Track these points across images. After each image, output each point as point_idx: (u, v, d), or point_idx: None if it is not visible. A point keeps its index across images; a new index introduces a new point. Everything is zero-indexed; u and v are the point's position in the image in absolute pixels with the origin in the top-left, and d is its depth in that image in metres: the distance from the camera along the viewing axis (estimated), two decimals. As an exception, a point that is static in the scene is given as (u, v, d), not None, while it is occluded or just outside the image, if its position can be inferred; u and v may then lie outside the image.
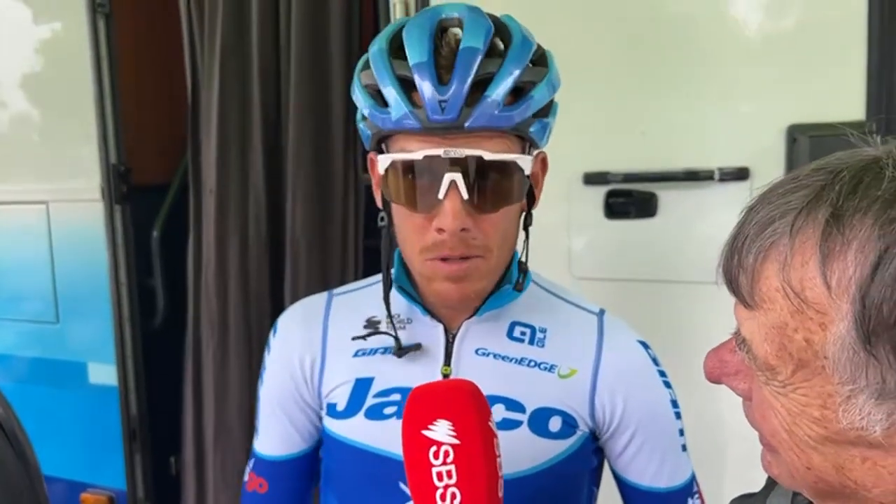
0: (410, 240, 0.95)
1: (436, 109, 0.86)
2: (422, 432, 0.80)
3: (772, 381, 0.54)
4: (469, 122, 0.87)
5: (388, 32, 0.94)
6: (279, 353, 1.11)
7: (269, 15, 2.26)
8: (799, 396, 0.53)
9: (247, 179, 2.34)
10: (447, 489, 0.78)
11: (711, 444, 1.81)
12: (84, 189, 2.56)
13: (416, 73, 0.88)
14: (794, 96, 1.65)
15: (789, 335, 0.51)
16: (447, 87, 0.87)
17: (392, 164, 0.92)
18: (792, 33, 1.68)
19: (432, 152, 0.88)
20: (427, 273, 0.95)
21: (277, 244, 2.35)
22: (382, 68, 0.90)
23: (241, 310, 2.35)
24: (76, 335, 2.68)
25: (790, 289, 0.50)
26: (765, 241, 0.52)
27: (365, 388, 1.03)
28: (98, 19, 2.45)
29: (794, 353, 0.51)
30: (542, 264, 1.89)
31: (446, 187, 0.88)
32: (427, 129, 0.87)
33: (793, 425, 0.54)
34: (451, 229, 0.90)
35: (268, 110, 2.31)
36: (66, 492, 2.76)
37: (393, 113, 0.89)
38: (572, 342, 1.04)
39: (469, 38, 0.89)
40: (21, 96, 2.70)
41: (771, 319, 0.52)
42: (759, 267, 0.53)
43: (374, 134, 0.93)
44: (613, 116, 1.81)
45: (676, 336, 1.83)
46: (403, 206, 0.93)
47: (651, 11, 1.78)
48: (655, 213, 1.78)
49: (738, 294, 0.55)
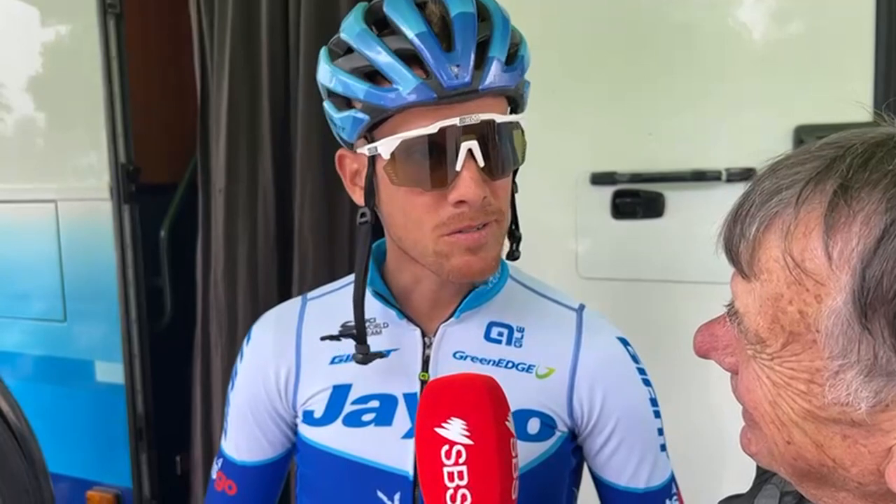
0: (420, 221, 0.90)
1: (450, 75, 0.84)
2: (435, 430, 0.77)
3: (760, 354, 0.54)
4: (482, 85, 0.86)
5: (359, 16, 0.90)
6: (252, 364, 1.08)
7: (278, 15, 2.27)
8: (786, 370, 0.52)
9: (256, 179, 2.35)
10: (458, 490, 0.76)
11: (714, 445, 1.81)
12: (93, 188, 2.57)
13: (420, 42, 0.85)
14: (802, 98, 1.65)
15: (783, 307, 0.51)
16: (455, 53, 0.85)
17: (402, 143, 0.87)
18: (799, 35, 1.68)
19: (447, 122, 0.85)
20: (445, 249, 0.91)
21: (286, 243, 2.36)
22: (376, 46, 0.86)
23: (250, 309, 2.36)
24: (84, 334, 2.69)
25: (790, 258, 0.50)
26: (769, 211, 0.52)
27: (343, 394, 1.01)
28: (108, 19, 2.46)
29: (787, 325, 0.51)
30: (548, 264, 1.91)
31: (463, 157, 0.86)
32: (442, 97, 0.84)
33: (777, 398, 0.53)
34: (473, 200, 0.87)
35: (277, 110, 2.32)
36: (73, 489, 2.77)
37: (402, 88, 0.84)
38: (550, 340, 1.01)
39: (457, 5, 0.87)
40: (30, 96, 2.72)
41: (767, 291, 0.52)
42: (761, 236, 0.52)
43: (373, 118, 0.88)
44: (621, 117, 1.81)
45: (683, 336, 1.83)
46: (415, 186, 0.88)
47: (658, 13, 1.79)
48: (662, 214, 1.79)
49: (736, 264, 0.55)
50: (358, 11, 0.91)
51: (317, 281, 2.25)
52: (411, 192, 0.89)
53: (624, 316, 1.91)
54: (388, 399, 1.00)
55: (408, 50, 0.86)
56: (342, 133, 0.93)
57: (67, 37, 2.62)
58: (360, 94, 0.88)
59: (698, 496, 1.83)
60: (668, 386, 1.80)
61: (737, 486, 1.97)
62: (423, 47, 0.85)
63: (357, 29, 0.89)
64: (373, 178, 0.93)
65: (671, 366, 1.83)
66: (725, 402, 1.90)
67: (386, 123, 0.88)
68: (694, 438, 1.81)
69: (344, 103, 0.92)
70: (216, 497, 1.13)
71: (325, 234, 2.27)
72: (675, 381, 1.82)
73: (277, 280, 2.38)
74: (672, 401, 1.79)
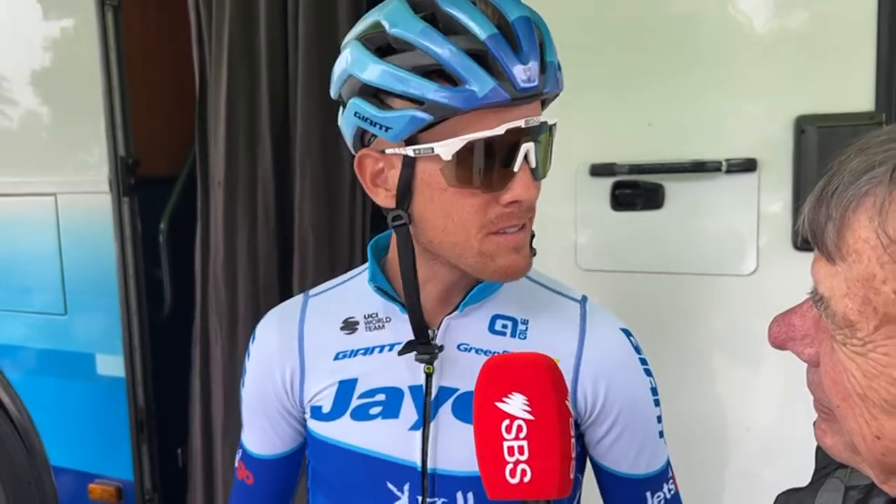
0: (466, 222, 0.90)
1: (522, 78, 0.85)
2: (496, 404, 0.76)
3: (850, 340, 0.52)
4: (546, 88, 0.88)
5: (410, 11, 0.88)
6: (258, 363, 1.10)
7: (276, 7, 2.27)
8: (879, 356, 0.50)
9: (255, 171, 2.35)
10: (517, 465, 0.75)
11: (716, 435, 1.82)
12: (92, 181, 2.57)
13: (493, 45, 0.85)
14: (802, 87, 1.64)
15: (876, 287, 0.49)
16: (523, 55, 0.85)
17: (467, 145, 0.86)
18: (800, 24, 1.67)
19: (513, 124, 0.86)
20: (491, 249, 0.92)
21: (286, 236, 2.36)
22: (446, 44, 0.85)
23: (250, 301, 2.36)
24: (84, 326, 2.70)
25: (885, 236, 0.48)
26: (859, 189, 0.50)
27: (349, 389, 1.02)
28: (106, 12, 2.46)
29: (880, 306, 0.49)
30: (548, 256, 1.91)
31: (522, 158, 0.88)
32: (515, 99, 0.85)
33: (868, 389, 0.51)
34: (528, 201, 0.90)
35: (276, 103, 2.31)
36: (74, 482, 2.78)
37: (478, 88, 0.84)
38: (554, 332, 1.02)
39: (513, 9, 0.88)
40: (29, 89, 2.72)
41: (856, 272, 0.50)
42: (850, 216, 0.50)
43: (437, 117, 0.86)
44: (620, 107, 1.81)
45: (683, 327, 1.83)
46: (471, 187, 0.88)
47: (659, 3, 1.78)
48: (662, 205, 1.78)
49: (821, 246, 0.52)
50: (403, 6, 0.89)
51: (316, 272, 2.25)
52: (461, 192, 0.89)
53: (623, 307, 1.90)
54: (394, 392, 1.01)
55: (479, 50, 0.85)
56: (386, 134, 0.89)
57: (66, 30, 2.61)
58: (427, 94, 0.85)
59: (701, 487, 1.83)
60: (668, 377, 1.80)
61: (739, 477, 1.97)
62: (498, 49, 0.85)
63: (419, 25, 0.86)
64: (411, 179, 0.91)
65: (671, 357, 1.83)
66: (726, 392, 1.90)
67: (442, 124, 0.87)
68: (696, 429, 1.81)
69: (392, 101, 0.88)
70: (237, 484, 1.17)
71: (324, 225, 2.27)
72: (676, 373, 1.82)
73: (277, 271, 2.38)
74: (672, 392, 1.80)
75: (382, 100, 0.89)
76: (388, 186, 0.94)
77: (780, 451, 1.73)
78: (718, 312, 1.78)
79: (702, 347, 1.82)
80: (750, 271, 1.71)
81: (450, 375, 1.00)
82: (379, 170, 0.95)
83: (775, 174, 1.67)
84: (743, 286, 1.72)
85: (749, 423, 1.78)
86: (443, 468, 0.98)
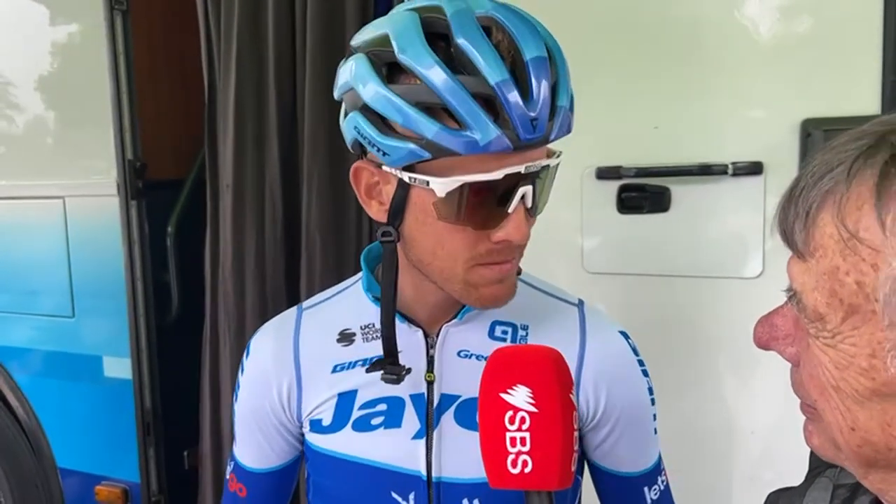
0: (455, 253, 0.90)
1: (528, 129, 0.82)
2: (500, 395, 0.77)
3: (821, 333, 0.54)
4: (553, 135, 0.85)
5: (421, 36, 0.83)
6: (253, 378, 1.08)
7: (284, 11, 2.28)
8: (847, 346, 0.52)
9: (263, 176, 2.36)
10: (519, 456, 0.75)
11: (722, 438, 1.81)
12: (100, 184, 2.58)
13: (502, 91, 0.81)
14: (808, 90, 1.64)
15: (840, 279, 0.52)
16: (532, 102, 0.82)
17: (462, 186, 0.84)
18: (806, 28, 1.67)
19: (513, 170, 0.84)
20: (475, 280, 0.91)
21: (293, 238, 2.37)
22: (452, 84, 0.81)
23: (259, 304, 2.37)
24: (92, 329, 2.71)
25: (844, 229, 0.51)
26: (822, 188, 0.53)
27: (350, 401, 1.01)
28: (115, 16, 2.47)
29: (845, 297, 0.52)
30: (554, 259, 1.91)
31: (518, 201, 0.86)
32: (517, 147, 0.82)
33: (840, 380, 0.53)
34: (520, 241, 0.89)
35: (284, 107, 2.32)
36: (81, 484, 2.79)
37: (480, 137, 0.80)
38: (554, 337, 0.99)
39: (530, 47, 0.83)
40: (38, 93, 2.73)
41: (822, 266, 0.53)
42: (815, 214, 0.53)
43: (435, 156, 0.83)
44: (626, 111, 1.81)
45: (688, 331, 1.83)
46: (463, 224, 0.87)
47: (665, 6, 1.78)
48: (668, 208, 1.78)
49: (792, 245, 0.55)
50: (415, 25, 0.84)
51: (324, 275, 2.26)
52: (453, 227, 0.88)
53: (629, 311, 1.91)
54: (395, 401, 1.00)
55: (488, 95, 0.81)
56: (383, 157, 0.86)
57: (74, 34, 2.63)
58: (427, 134, 0.82)
59: (705, 490, 1.83)
60: (673, 380, 1.81)
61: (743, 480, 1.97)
62: (506, 97, 0.81)
63: (428, 60, 0.81)
64: (404, 200, 0.89)
65: (676, 360, 1.83)
66: (732, 395, 1.90)
67: (442, 160, 0.84)
68: (701, 432, 1.81)
69: (395, 126, 0.85)
70: (229, 497, 1.15)
71: (332, 228, 2.28)
72: (680, 375, 1.82)
73: (285, 275, 2.39)
74: (677, 394, 1.80)
75: (384, 121, 0.86)
76: (382, 200, 0.93)
77: (783, 453, 1.73)
78: (724, 316, 1.78)
79: (707, 350, 1.82)
80: (756, 274, 1.71)
81: (451, 383, 1.00)
82: (374, 182, 0.93)
83: (781, 177, 1.66)
84: (749, 289, 1.72)
85: (753, 425, 1.78)
86: (448, 476, 0.98)
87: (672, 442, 1.09)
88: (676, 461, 1.10)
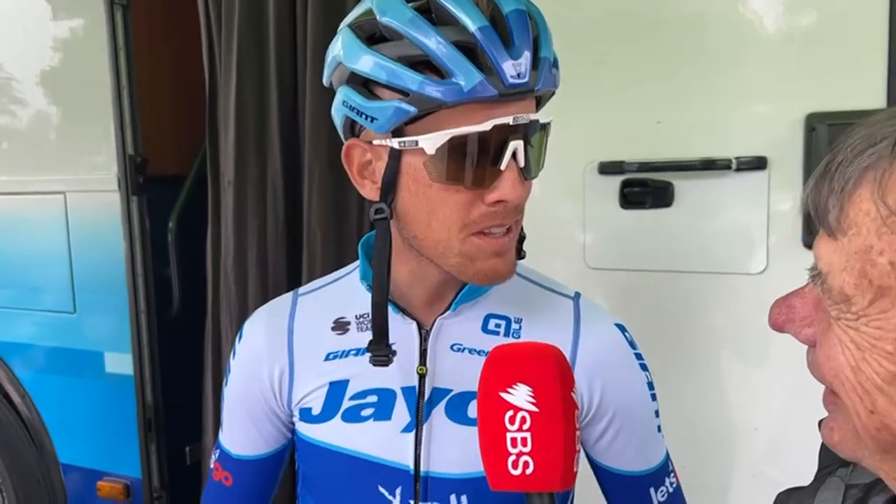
0: (449, 219, 0.88)
1: (511, 74, 0.82)
2: (500, 394, 0.75)
3: (844, 315, 0.52)
4: (538, 85, 0.84)
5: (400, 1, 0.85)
6: (244, 362, 1.07)
7: (285, 6, 2.27)
8: (872, 329, 0.51)
9: (265, 171, 2.36)
10: (520, 457, 0.74)
11: (723, 434, 1.81)
12: (101, 180, 2.58)
13: (482, 37, 0.82)
14: (813, 85, 1.64)
15: (873, 259, 0.50)
16: (514, 50, 0.82)
17: (451, 140, 0.83)
18: (810, 22, 1.66)
19: (501, 121, 0.83)
20: (472, 252, 0.89)
21: (295, 234, 2.37)
22: (433, 35, 0.82)
23: (261, 299, 2.36)
24: (93, 325, 2.71)
25: (884, 207, 0.49)
26: (861, 164, 0.50)
27: (340, 391, 1.00)
28: (116, 11, 2.47)
29: (875, 279, 0.50)
30: (556, 254, 1.90)
31: (509, 157, 0.85)
32: (503, 95, 0.82)
33: (861, 362, 0.52)
34: (515, 200, 0.87)
35: (285, 101, 2.32)
36: (83, 480, 2.79)
37: (464, 82, 0.81)
38: (548, 331, 0.98)
39: (509, 3, 0.85)
40: (39, 89, 2.73)
41: (855, 245, 0.51)
42: (852, 190, 0.51)
43: (421, 110, 0.83)
44: (629, 105, 1.80)
45: (691, 326, 1.82)
46: (455, 183, 0.86)
47: (668, 1, 1.77)
48: (671, 203, 1.77)
49: (823, 222, 0.53)
50: None
51: (326, 270, 2.24)
52: (446, 189, 0.86)
53: (632, 306, 1.91)
54: (386, 393, 0.99)
55: (469, 43, 0.82)
56: (371, 124, 0.87)
57: (75, 29, 2.63)
58: (412, 85, 0.82)
59: (707, 486, 1.83)
60: (676, 375, 1.80)
61: (745, 476, 1.96)
62: (487, 42, 0.82)
63: (408, 14, 0.83)
64: (396, 172, 0.89)
65: (679, 355, 1.83)
66: (734, 391, 1.89)
67: (428, 117, 0.84)
68: (703, 428, 1.80)
69: (380, 91, 0.86)
70: (213, 486, 1.13)
71: (333, 224, 2.27)
72: (683, 371, 1.81)
73: (287, 270, 2.39)
74: (680, 390, 1.79)
75: (370, 89, 0.87)
76: (375, 178, 0.92)
77: (788, 450, 1.72)
78: (727, 311, 1.78)
79: (710, 346, 1.81)
80: (759, 270, 1.70)
81: (443, 376, 0.99)
82: (366, 161, 0.93)
83: (785, 172, 1.66)
84: (752, 285, 1.72)
85: (757, 422, 1.77)
86: (436, 471, 0.97)
87: (675, 438, 1.08)
88: (679, 458, 1.09)
